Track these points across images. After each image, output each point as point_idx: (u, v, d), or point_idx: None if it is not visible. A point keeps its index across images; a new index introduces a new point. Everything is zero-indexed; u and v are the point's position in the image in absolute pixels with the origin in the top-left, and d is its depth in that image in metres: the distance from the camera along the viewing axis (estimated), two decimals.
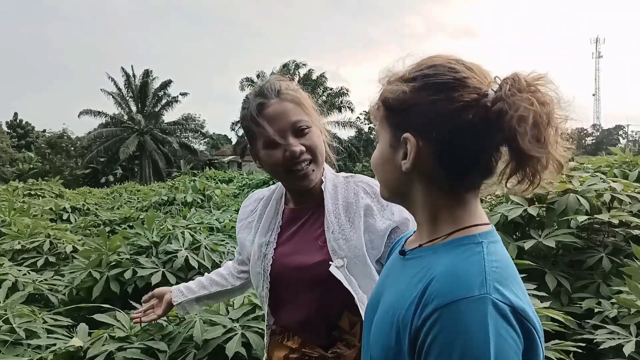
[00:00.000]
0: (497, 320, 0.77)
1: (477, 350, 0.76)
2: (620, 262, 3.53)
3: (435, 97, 0.88)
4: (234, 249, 4.50)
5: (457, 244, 0.90)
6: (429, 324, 0.80)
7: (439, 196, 0.94)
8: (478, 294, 0.79)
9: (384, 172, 0.99)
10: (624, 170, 5.19)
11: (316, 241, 1.48)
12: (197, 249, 4.15)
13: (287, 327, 1.54)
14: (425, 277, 0.87)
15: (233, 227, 5.25)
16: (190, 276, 3.99)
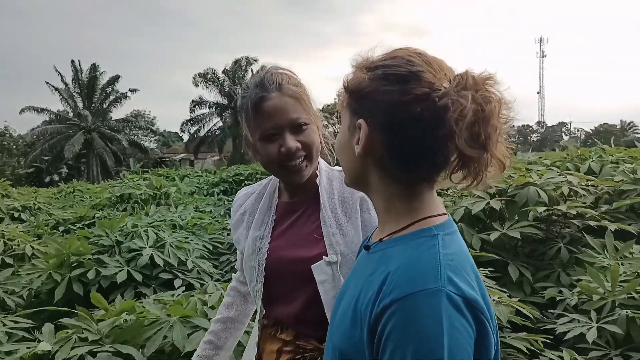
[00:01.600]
0: (451, 312, 0.80)
1: (431, 341, 0.78)
2: (577, 251, 3.68)
3: (389, 88, 0.90)
4: (197, 246, 4.44)
5: (413, 237, 0.92)
6: (387, 315, 0.82)
7: (393, 185, 0.96)
8: (432, 286, 0.81)
9: (343, 156, 1.02)
10: (576, 164, 5.43)
11: (312, 234, 1.47)
12: (161, 246, 4.08)
13: (281, 320, 1.52)
14: (385, 271, 0.89)
15: (196, 224, 5.17)
16: (156, 273, 3.92)
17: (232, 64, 36.60)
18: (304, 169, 1.46)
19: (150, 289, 3.80)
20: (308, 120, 1.44)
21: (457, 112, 0.85)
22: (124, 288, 3.74)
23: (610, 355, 2.69)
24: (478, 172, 0.90)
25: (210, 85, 35.92)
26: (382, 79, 0.92)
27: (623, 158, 5.18)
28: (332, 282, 1.40)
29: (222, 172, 12.21)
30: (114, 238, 4.11)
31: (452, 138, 0.86)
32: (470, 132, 0.85)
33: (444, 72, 0.91)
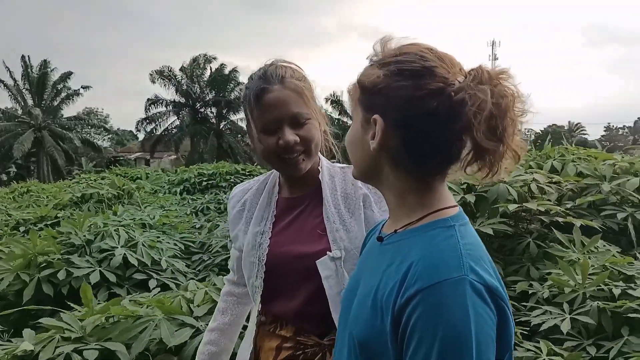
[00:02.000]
0: (475, 299, 0.83)
1: (458, 328, 0.82)
2: (545, 246, 3.81)
3: (404, 83, 0.92)
4: (169, 245, 4.37)
5: (430, 227, 0.95)
6: (412, 305, 0.85)
7: (407, 178, 0.98)
8: (456, 275, 0.84)
9: (355, 151, 1.04)
10: (538, 162, 5.61)
11: (315, 230, 1.47)
12: (134, 246, 4.00)
13: (281, 316, 1.52)
14: (405, 261, 0.91)
15: (165, 223, 5.09)
16: (129, 274, 3.84)
17: (190, 62, 36.03)
18: (301, 162, 1.47)
19: (123, 289, 3.72)
20: (309, 115, 1.45)
21: (475, 106, 0.88)
22: (97, 289, 3.65)
23: (583, 345, 2.81)
24: (493, 164, 0.94)
25: (167, 83, 35.21)
26: (396, 74, 0.94)
27: (583, 157, 5.38)
28: (336, 278, 1.41)
29: (184, 172, 12.02)
30: (84, 237, 4.01)
31: (469, 131, 0.90)
32: (488, 125, 0.89)
33: (457, 67, 0.94)
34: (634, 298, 2.87)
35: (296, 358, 1.47)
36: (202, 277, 4.18)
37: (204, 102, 36.81)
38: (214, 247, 4.53)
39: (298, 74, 1.48)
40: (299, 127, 1.44)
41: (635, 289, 2.96)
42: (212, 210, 7.05)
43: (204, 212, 6.99)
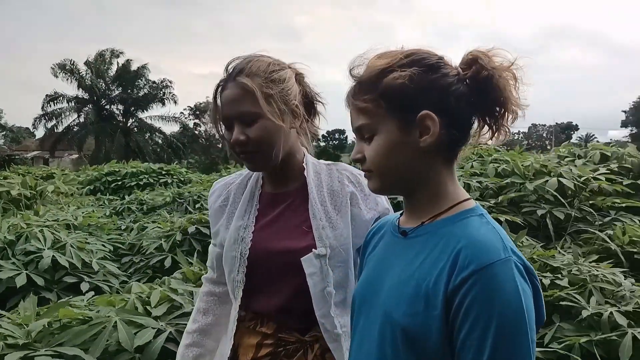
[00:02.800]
0: (519, 277, 0.92)
1: (513, 303, 0.90)
2: None
3: (435, 75, 1.00)
4: (95, 245, 4.16)
5: (463, 216, 1.02)
6: (467, 286, 0.91)
7: (440, 171, 1.04)
8: (504, 257, 0.93)
9: (396, 159, 1.03)
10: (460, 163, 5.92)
11: (300, 227, 1.47)
12: (62, 248, 3.78)
13: (262, 312, 1.50)
14: (448, 247, 0.97)
15: (90, 224, 4.83)
16: (58, 277, 3.62)
17: (95, 56, 34.25)
18: (254, 160, 1.47)
19: (53, 293, 3.51)
20: (257, 115, 1.41)
21: (500, 80, 1.00)
22: (24, 293, 3.41)
23: None
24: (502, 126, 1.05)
25: (70, 78, 33.21)
26: (426, 70, 1.01)
27: (502, 158, 5.75)
28: (320, 275, 1.42)
29: (94, 171, 11.45)
30: (4, 239, 3.73)
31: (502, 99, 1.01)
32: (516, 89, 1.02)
33: None
34: (562, 287, 3.12)
35: (277, 354, 1.46)
36: (136, 279, 4.02)
37: (110, 98, 35.18)
38: (146, 248, 4.37)
39: (259, 69, 1.43)
40: (248, 126, 1.42)
41: (562, 279, 3.21)
42: (134, 211, 6.78)
43: (124, 213, 6.70)
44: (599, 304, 2.97)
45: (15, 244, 3.70)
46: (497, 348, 0.88)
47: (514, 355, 0.89)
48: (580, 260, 3.44)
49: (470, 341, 0.91)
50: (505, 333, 0.89)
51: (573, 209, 4.46)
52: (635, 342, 2.53)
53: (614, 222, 4.52)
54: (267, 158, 1.46)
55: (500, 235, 0.97)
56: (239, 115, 1.42)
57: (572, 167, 5.07)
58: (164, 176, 10.42)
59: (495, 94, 1.00)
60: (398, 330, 0.98)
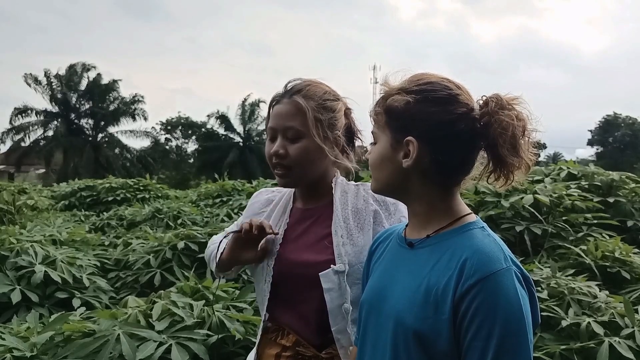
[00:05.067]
0: (519, 285, 1.03)
1: (515, 309, 1.01)
2: None
3: (435, 109, 1.10)
4: (88, 262, 4.17)
5: (466, 228, 1.12)
6: (473, 293, 1.01)
7: (433, 190, 1.15)
8: (506, 266, 1.04)
9: (383, 169, 1.17)
10: None
11: (323, 241, 1.53)
12: (52, 263, 3.78)
13: (283, 324, 1.56)
14: (454, 257, 1.08)
15: (75, 240, 4.83)
16: (49, 292, 3.63)
17: (66, 69, 33.77)
18: (283, 176, 1.55)
19: (44, 309, 3.51)
20: (301, 134, 1.51)
21: (500, 127, 1.07)
22: (15, 309, 3.41)
23: None
24: (510, 174, 1.13)
25: (40, 90, 32.67)
26: (425, 101, 1.11)
27: None
28: (338, 291, 1.46)
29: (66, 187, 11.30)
30: None
31: (493, 148, 1.09)
32: (511, 143, 1.08)
33: (472, 95, 1.15)
34: (542, 300, 3.28)
35: None
36: (124, 294, 4.04)
37: (80, 113, 34.67)
38: (133, 263, 4.39)
39: (315, 93, 1.54)
40: (291, 142, 1.52)
41: (542, 291, 3.37)
42: (115, 226, 6.76)
43: (106, 229, 6.67)
44: (577, 315, 3.13)
45: (6, 259, 3.69)
46: (501, 349, 0.99)
47: (516, 354, 1.00)
48: (557, 274, 3.62)
49: (476, 342, 1.01)
50: (507, 335, 0.99)
51: (549, 225, 4.66)
52: (612, 350, 2.69)
53: (587, 237, 4.73)
54: (299, 177, 1.56)
55: (501, 246, 1.09)
56: (285, 129, 1.52)
57: (546, 185, 5.28)
58: (141, 191, 10.35)
59: (495, 141, 1.07)
60: (410, 333, 1.08)
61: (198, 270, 3.91)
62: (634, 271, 4.04)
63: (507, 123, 1.06)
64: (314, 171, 1.55)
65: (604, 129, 49.64)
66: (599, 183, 5.85)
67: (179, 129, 38.82)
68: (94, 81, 34.18)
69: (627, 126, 48.10)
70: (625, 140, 47.94)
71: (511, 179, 1.13)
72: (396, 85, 1.15)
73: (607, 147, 49.49)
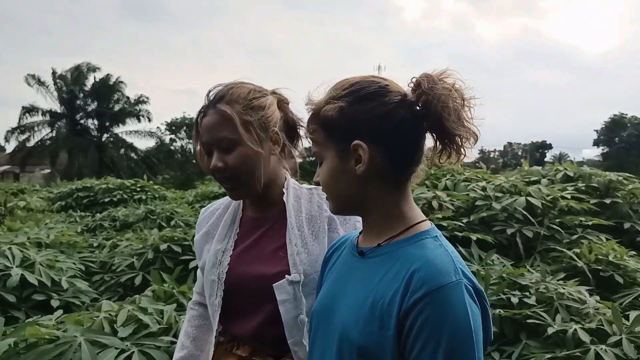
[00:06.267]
0: (468, 300, 0.96)
1: (462, 324, 0.94)
2: None
3: (370, 105, 1.04)
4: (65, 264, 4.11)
5: (418, 238, 1.06)
6: (419, 307, 0.95)
7: (390, 194, 1.08)
8: (455, 279, 0.97)
9: (339, 185, 1.10)
10: (433, 181, 6.01)
11: (277, 252, 1.47)
12: (30, 266, 3.72)
13: (238, 336, 1.50)
14: (403, 269, 1.01)
15: (62, 242, 4.77)
16: (26, 295, 3.56)
17: (72, 70, 33.87)
18: (234, 189, 1.48)
19: (21, 312, 3.45)
20: (235, 142, 1.42)
21: (440, 102, 1.02)
22: None
23: (488, 351, 3.05)
24: (459, 149, 1.07)
25: (45, 91, 32.83)
26: (360, 100, 1.05)
27: (472, 177, 5.85)
28: (293, 302, 1.40)
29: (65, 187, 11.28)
30: None
31: (440, 124, 1.03)
32: (457, 115, 1.03)
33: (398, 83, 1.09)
34: (530, 305, 3.18)
35: None
36: (106, 297, 3.98)
37: (86, 113, 34.81)
38: (118, 265, 4.33)
39: (239, 96, 1.45)
40: (226, 153, 1.43)
41: (530, 297, 3.28)
42: (107, 228, 6.69)
43: (97, 230, 6.61)
44: (564, 322, 3.03)
45: None
46: None
47: None
48: (548, 278, 3.51)
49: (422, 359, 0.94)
50: (454, 352, 0.93)
51: (542, 228, 4.56)
52: (598, 359, 2.60)
53: (581, 240, 4.62)
54: (248, 186, 1.46)
55: (452, 257, 1.01)
56: (217, 141, 1.43)
57: (540, 187, 5.18)
58: (138, 192, 10.29)
59: (437, 117, 1.02)
60: (355, 348, 1.01)
61: (180, 273, 3.83)
62: (628, 275, 3.94)
63: (445, 96, 1.02)
64: (259, 176, 1.46)
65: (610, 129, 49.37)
66: (595, 184, 5.74)
67: (184, 130, 38.85)
68: (100, 82, 34.29)
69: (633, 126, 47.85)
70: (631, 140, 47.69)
71: (462, 152, 1.08)
72: (323, 98, 1.09)
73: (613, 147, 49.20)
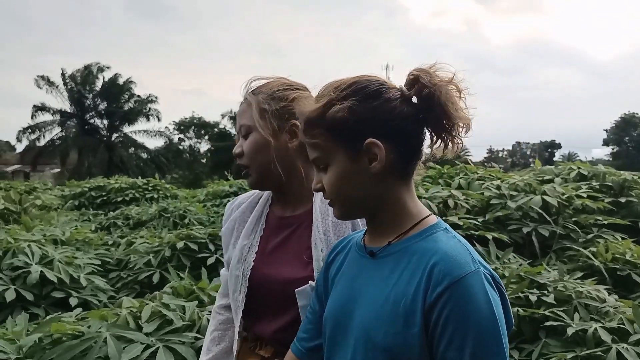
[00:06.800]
0: (488, 287, 0.97)
1: (487, 315, 0.94)
2: None
3: (377, 102, 1.05)
4: (83, 260, 4.14)
5: (429, 232, 1.05)
6: (444, 298, 0.95)
7: (400, 190, 1.08)
8: (474, 268, 0.97)
9: (352, 187, 1.08)
10: (446, 180, 6.00)
11: (302, 255, 1.45)
12: (49, 263, 3.75)
13: (260, 336, 1.50)
14: (422, 264, 1.01)
15: (78, 239, 4.81)
16: (46, 292, 3.60)
17: (82, 70, 34.07)
18: (245, 176, 1.50)
19: (41, 309, 3.48)
20: (250, 129, 1.45)
21: (443, 95, 1.03)
22: (11, 309, 3.39)
23: None
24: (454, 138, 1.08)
25: (54, 91, 33.03)
26: (367, 98, 1.05)
27: (485, 176, 5.84)
28: None
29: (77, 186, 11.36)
30: None
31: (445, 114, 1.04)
32: (457, 105, 1.05)
33: None
34: (548, 304, 3.17)
35: None
36: (124, 294, 4.00)
37: (96, 112, 35.01)
38: (134, 263, 4.35)
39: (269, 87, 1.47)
40: (245, 140, 1.47)
41: (548, 295, 3.27)
42: (120, 226, 6.74)
43: (111, 229, 6.65)
44: (584, 320, 3.02)
45: (2, 259, 3.67)
46: (476, 356, 0.93)
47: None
48: (565, 277, 3.50)
49: (449, 353, 0.95)
50: (481, 341, 0.93)
51: (558, 227, 4.54)
52: (620, 358, 2.59)
53: (597, 239, 4.60)
54: (259, 175, 1.47)
55: (467, 248, 1.02)
56: (239, 128, 1.48)
57: (555, 186, 5.16)
58: (150, 191, 10.35)
59: (440, 109, 1.04)
60: (380, 351, 1.00)
61: (196, 271, 3.85)
62: None
63: (446, 88, 1.04)
64: (270, 166, 1.45)
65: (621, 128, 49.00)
66: (610, 183, 5.71)
67: (192, 129, 38.96)
68: (110, 81, 34.45)
69: None
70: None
71: (457, 142, 1.08)
72: (321, 103, 1.07)
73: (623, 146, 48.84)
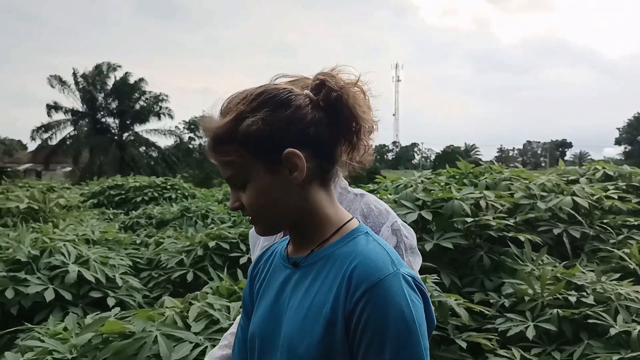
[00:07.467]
0: (408, 289, 0.97)
1: (405, 314, 0.94)
2: (497, 258, 4.07)
3: (288, 111, 1.01)
4: (121, 261, 4.16)
5: (350, 237, 1.05)
6: (362, 303, 0.94)
7: (321, 197, 1.07)
8: (393, 270, 0.97)
9: (274, 200, 1.05)
10: (471, 180, 5.97)
11: None
12: (85, 262, 3.78)
13: None
14: (341, 270, 1.00)
15: (107, 239, 4.83)
16: (83, 292, 3.62)
17: (92, 69, 34.28)
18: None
19: (78, 308, 3.50)
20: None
21: (350, 97, 1.03)
22: (49, 309, 3.41)
23: (548, 350, 3.04)
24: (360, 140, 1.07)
25: (67, 90, 33.26)
26: (277, 108, 1.02)
27: (512, 176, 5.80)
28: None
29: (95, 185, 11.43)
30: (28, 253, 3.72)
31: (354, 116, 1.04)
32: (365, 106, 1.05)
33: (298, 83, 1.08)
34: (588, 305, 3.16)
35: None
36: (157, 293, 4.03)
37: (108, 111, 35.20)
38: (165, 263, 4.37)
39: None
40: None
41: (587, 296, 3.26)
42: (144, 225, 6.77)
43: (136, 228, 6.69)
44: (626, 322, 3.01)
45: (39, 259, 3.70)
46: None
47: None
48: (602, 278, 3.49)
49: (370, 357, 0.94)
50: (400, 345, 0.93)
51: (590, 228, 4.51)
52: None
53: (628, 240, 4.57)
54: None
55: (387, 250, 1.02)
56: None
57: (584, 186, 5.13)
58: (168, 190, 10.40)
59: (348, 111, 1.03)
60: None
61: (230, 270, 3.86)
62: None
63: (352, 92, 1.03)
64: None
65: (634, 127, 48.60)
66: (637, 184, 5.67)
67: None
68: (121, 80, 34.60)
69: None
70: None
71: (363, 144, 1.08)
72: (229, 117, 1.02)
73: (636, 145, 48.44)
